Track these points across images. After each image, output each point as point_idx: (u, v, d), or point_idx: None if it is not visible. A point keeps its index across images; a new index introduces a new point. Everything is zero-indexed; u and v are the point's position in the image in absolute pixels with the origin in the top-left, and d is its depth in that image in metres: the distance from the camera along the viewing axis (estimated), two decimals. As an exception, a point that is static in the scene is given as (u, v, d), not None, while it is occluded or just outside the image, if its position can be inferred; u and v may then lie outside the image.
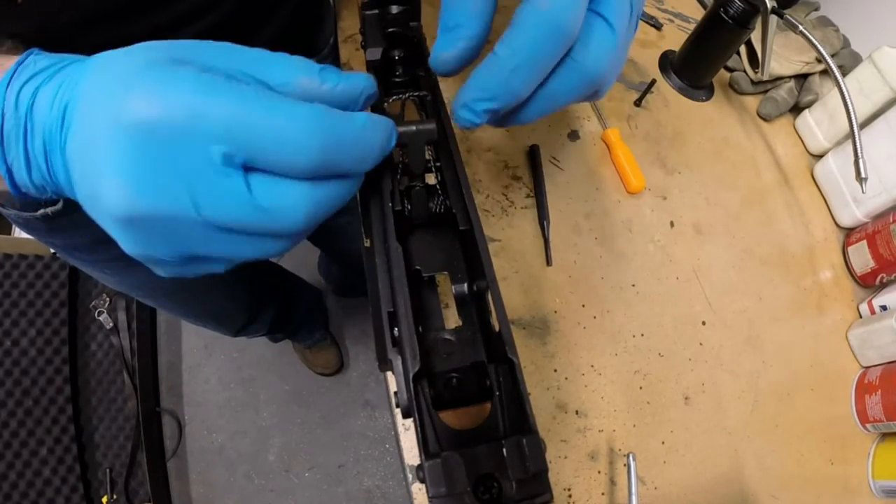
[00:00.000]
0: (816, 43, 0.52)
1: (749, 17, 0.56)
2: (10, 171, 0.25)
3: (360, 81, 0.26)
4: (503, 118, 0.29)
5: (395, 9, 0.34)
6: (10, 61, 0.25)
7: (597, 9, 0.28)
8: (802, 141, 0.68)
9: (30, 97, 0.24)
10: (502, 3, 0.30)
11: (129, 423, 1.25)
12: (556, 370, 0.48)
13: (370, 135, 0.26)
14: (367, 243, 0.33)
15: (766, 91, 0.68)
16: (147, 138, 0.22)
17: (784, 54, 0.65)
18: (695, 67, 0.65)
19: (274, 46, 0.26)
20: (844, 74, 0.60)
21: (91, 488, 1.19)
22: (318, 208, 0.25)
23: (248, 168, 0.23)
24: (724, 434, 0.50)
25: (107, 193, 0.22)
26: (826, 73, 0.67)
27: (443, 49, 0.28)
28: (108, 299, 1.31)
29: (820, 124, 0.65)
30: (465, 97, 0.28)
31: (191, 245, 0.24)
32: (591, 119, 0.61)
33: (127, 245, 0.24)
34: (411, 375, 0.25)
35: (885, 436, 0.53)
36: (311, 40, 0.61)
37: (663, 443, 0.48)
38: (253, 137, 0.22)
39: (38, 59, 0.25)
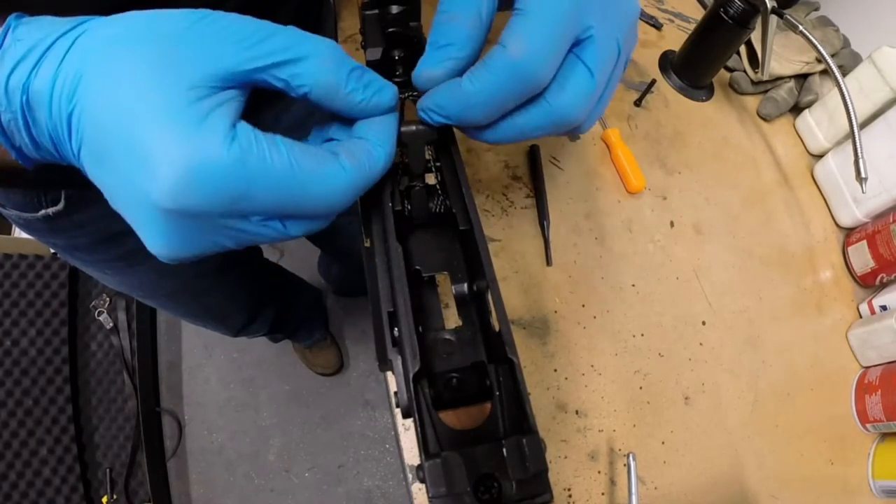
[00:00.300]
0: (816, 43, 0.52)
1: (749, 17, 0.56)
2: (19, 152, 0.25)
3: (384, 100, 0.27)
4: (465, 130, 0.30)
5: (395, 9, 0.34)
6: None
7: (580, 54, 0.27)
8: (802, 141, 0.68)
9: (21, 91, 0.22)
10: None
11: (129, 423, 1.25)
12: (556, 370, 0.48)
13: (387, 166, 0.27)
14: (367, 243, 0.33)
15: (766, 91, 0.68)
16: (187, 219, 0.22)
17: (784, 54, 0.65)
18: (695, 67, 0.65)
19: None
20: (844, 74, 0.60)
21: (91, 488, 1.19)
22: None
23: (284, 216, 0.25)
24: (724, 434, 0.50)
25: (145, 241, 0.24)
26: (826, 73, 0.67)
27: (430, 66, 0.28)
28: (108, 299, 1.31)
29: (820, 124, 0.65)
30: (425, 105, 0.28)
31: (223, 251, 0.26)
32: (591, 119, 0.61)
33: (161, 258, 0.26)
34: (411, 375, 0.25)
35: (885, 436, 0.53)
36: None
37: (663, 443, 0.48)
38: (289, 209, 0.24)
39: (17, 42, 0.23)
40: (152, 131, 0.21)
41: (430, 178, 0.33)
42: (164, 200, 0.21)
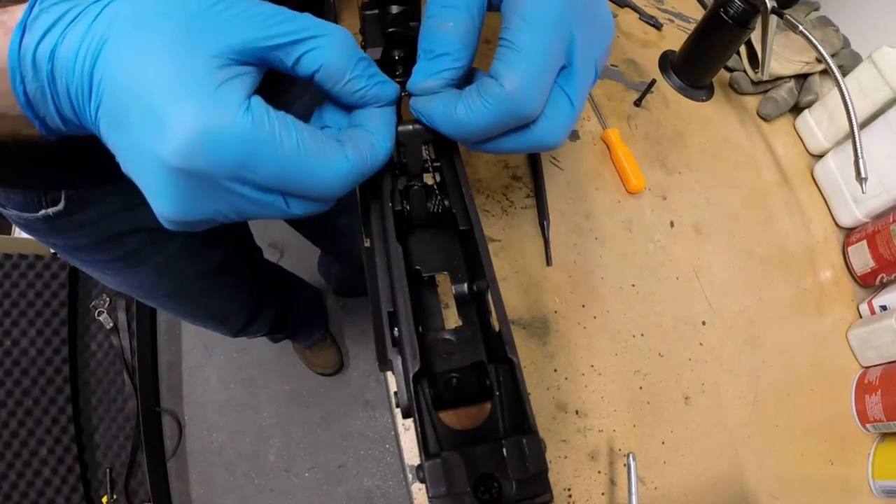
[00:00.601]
0: (816, 43, 0.52)
1: (749, 17, 0.56)
2: (43, 122, 0.25)
3: (384, 92, 0.28)
4: None
5: (395, 9, 0.34)
6: (18, 11, 0.23)
7: (563, 85, 0.28)
8: (802, 141, 0.68)
9: (48, 60, 0.23)
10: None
11: (129, 423, 1.25)
12: (556, 370, 0.48)
13: (387, 158, 0.27)
14: (367, 243, 0.33)
15: (766, 91, 0.68)
16: (193, 180, 0.23)
17: (784, 54, 0.65)
18: (695, 67, 0.65)
19: None
20: (844, 74, 0.60)
21: (91, 488, 1.19)
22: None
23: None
24: (724, 434, 0.50)
25: (152, 202, 0.24)
26: (826, 73, 0.67)
27: (426, 78, 0.29)
28: (108, 299, 1.31)
29: (820, 124, 0.65)
30: (417, 107, 0.29)
31: (226, 221, 0.27)
32: (591, 119, 0.61)
33: (164, 220, 0.26)
34: (411, 375, 0.25)
35: (885, 436, 0.53)
36: None
37: (663, 443, 0.48)
38: (291, 187, 0.25)
39: (44, 13, 0.23)
40: (168, 94, 0.22)
41: (429, 178, 0.33)
42: (173, 159, 0.22)
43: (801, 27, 0.53)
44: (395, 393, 0.26)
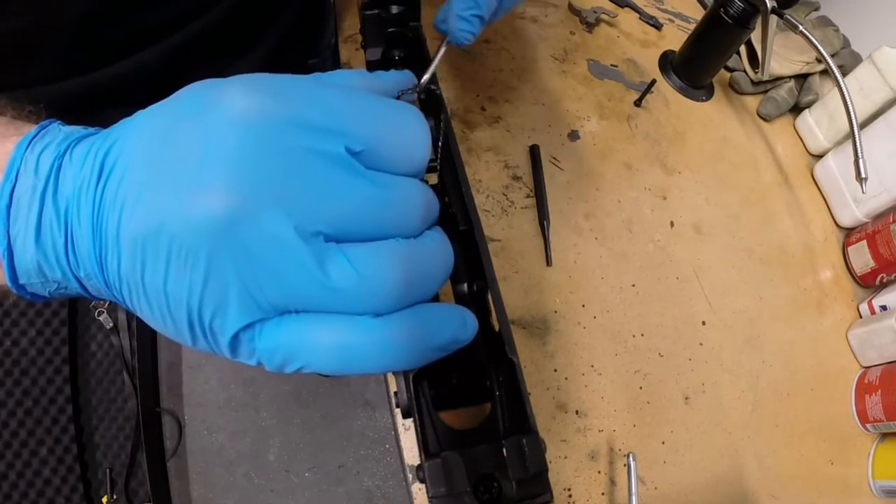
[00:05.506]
0: (816, 43, 0.52)
1: (749, 17, 0.56)
2: (10, 249, 0.21)
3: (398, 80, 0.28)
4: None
5: (395, 9, 0.34)
6: (27, 127, 0.22)
7: None
8: (802, 141, 0.68)
9: (51, 164, 0.20)
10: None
11: (129, 423, 1.25)
12: (556, 370, 0.48)
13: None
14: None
15: (766, 91, 0.68)
16: None
17: (784, 54, 0.65)
18: (695, 67, 0.65)
19: (281, 47, 0.26)
20: (844, 74, 0.60)
21: (91, 488, 1.19)
22: None
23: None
24: (724, 434, 0.50)
25: None
26: (826, 73, 0.67)
27: (468, 30, 0.32)
28: (108, 299, 1.30)
29: (820, 124, 0.65)
30: (456, 9, 0.31)
31: None
32: (591, 119, 0.61)
33: None
34: (411, 375, 0.25)
35: (885, 436, 0.53)
36: (316, 40, 0.62)
37: (663, 443, 0.48)
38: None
39: (58, 128, 0.22)
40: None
41: (429, 179, 0.33)
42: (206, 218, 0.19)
43: (801, 27, 0.53)
44: (395, 393, 0.26)
